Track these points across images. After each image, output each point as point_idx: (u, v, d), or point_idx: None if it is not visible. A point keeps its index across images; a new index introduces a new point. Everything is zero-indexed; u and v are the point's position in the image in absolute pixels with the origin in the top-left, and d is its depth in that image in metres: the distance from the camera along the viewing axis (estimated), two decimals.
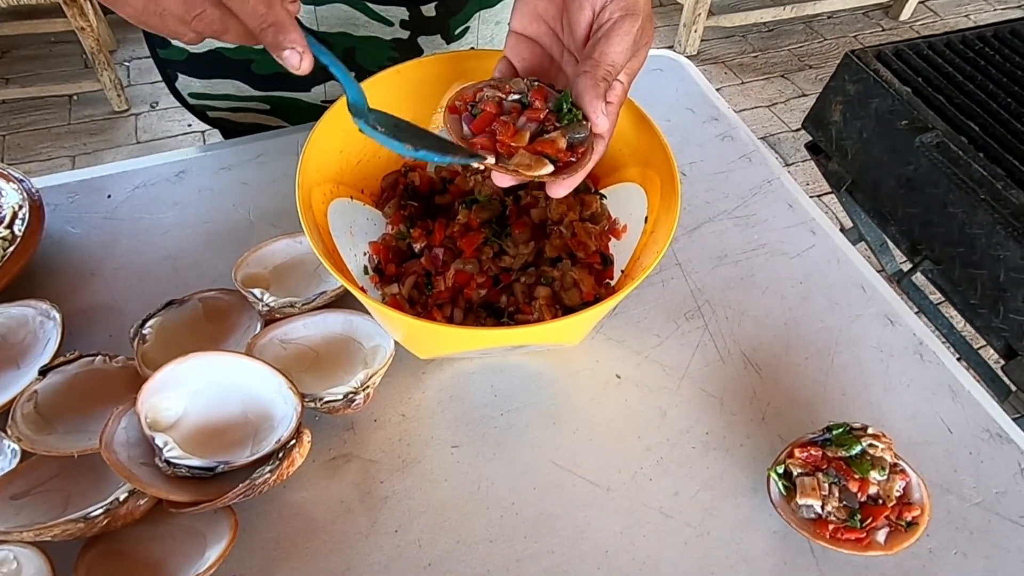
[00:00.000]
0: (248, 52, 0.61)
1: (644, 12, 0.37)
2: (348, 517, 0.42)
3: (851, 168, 0.96)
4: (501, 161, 0.36)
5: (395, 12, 0.59)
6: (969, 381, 0.50)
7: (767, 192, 0.62)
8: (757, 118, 2.14)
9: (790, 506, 0.40)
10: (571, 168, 0.36)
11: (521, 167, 0.36)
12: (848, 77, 0.93)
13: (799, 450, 0.42)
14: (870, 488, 0.40)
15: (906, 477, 0.41)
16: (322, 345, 0.47)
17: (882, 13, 2.57)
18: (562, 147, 0.36)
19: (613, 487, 0.44)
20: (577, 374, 0.49)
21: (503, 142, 0.36)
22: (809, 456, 0.41)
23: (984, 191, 0.76)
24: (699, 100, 0.70)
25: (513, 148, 0.36)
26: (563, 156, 0.36)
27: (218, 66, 0.63)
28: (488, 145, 0.36)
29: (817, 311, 0.53)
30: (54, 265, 0.53)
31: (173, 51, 0.62)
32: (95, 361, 0.45)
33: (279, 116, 0.68)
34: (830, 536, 0.39)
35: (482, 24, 0.65)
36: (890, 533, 0.39)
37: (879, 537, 0.39)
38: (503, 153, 0.36)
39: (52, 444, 0.40)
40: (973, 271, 0.79)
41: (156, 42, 0.62)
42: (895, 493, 0.40)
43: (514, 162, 0.36)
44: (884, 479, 0.40)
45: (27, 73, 2.05)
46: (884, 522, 0.39)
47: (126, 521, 0.38)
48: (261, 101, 0.66)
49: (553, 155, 0.36)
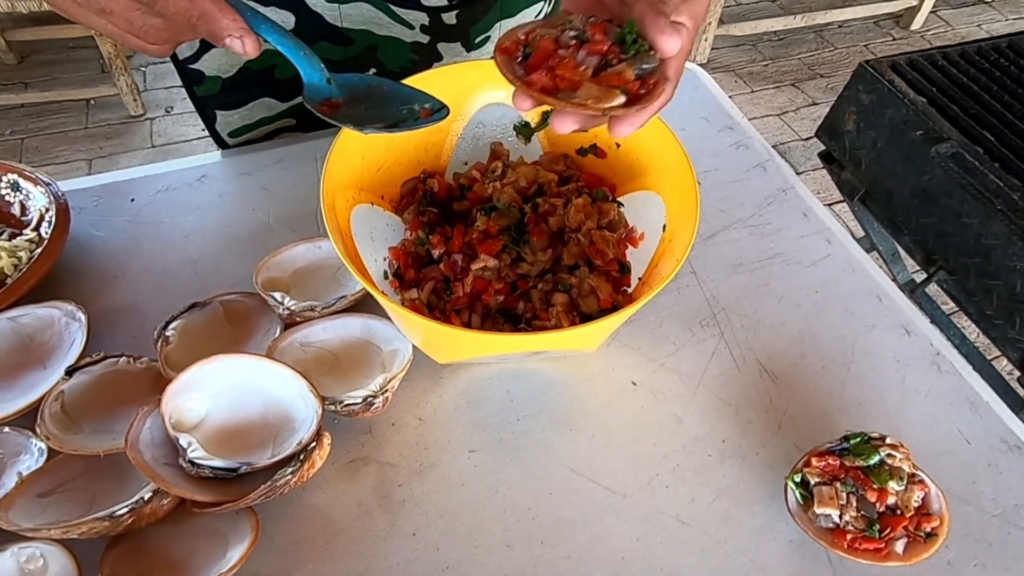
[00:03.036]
0: (271, 57, 0.62)
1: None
2: (366, 520, 0.42)
3: (865, 178, 0.96)
4: (564, 97, 0.32)
5: (416, 16, 0.60)
6: (987, 392, 0.50)
7: (782, 201, 0.62)
8: (767, 127, 2.14)
9: (807, 515, 0.40)
10: (643, 100, 0.32)
11: (590, 99, 0.31)
12: (862, 87, 0.93)
13: (816, 459, 0.42)
14: (888, 498, 0.40)
15: (925, 488, 0.41)
16: (341, 349, 0.48)
17: (893, 23, 2.57)
18: (630, 78, 0.32)
19: (629, 494, 0.44)
20: (593, 380, 0.49)
21: (563, 76, 0.32)
22: (827, 465, 0.41)
23: (1000, 202, 0.76)
24: (713, 109, 0.71)
25: (576, 82, 0.32)
26: (633, 87, 0.32)
27: (247, 85, 0.64)
28: (547, 84, 0.32)
29: (833, 320, 0.53)
30: (79, 267, 0.54)
31: (209, 85, 0.63)
32: (119, 362, 0.46)
33: (302, 129, 0.70)
34: (848, 546, 0.39)
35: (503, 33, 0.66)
36: (909, 544, 0.39)
37: (898, 547, 0.39)
38: (564, 89, 0.32)
39: (79, 443, 0.41)
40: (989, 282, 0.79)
41: (192, 78, 0.63)
42: (914, 503, 0.40)
43: (581, 95, 0.32)
44: (902, 489, 0.40)
45: (45, 78, 2.09)
46: (903, 532, 0.39)
47: (150, 520, 0.39)
48: (288, 116, 0.67)
49: (622, 87, 0.32)
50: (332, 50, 0.61)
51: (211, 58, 0.62)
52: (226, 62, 0.62)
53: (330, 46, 0.60)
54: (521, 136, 0.54)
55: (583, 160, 0.52)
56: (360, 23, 0.59)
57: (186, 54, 0.61)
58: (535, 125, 0.53)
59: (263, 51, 0.36)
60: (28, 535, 0.36)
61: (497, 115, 0.52)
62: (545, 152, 0.54)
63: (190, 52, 0.61)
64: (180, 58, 0.62)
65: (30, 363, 0.47)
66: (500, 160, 0.52)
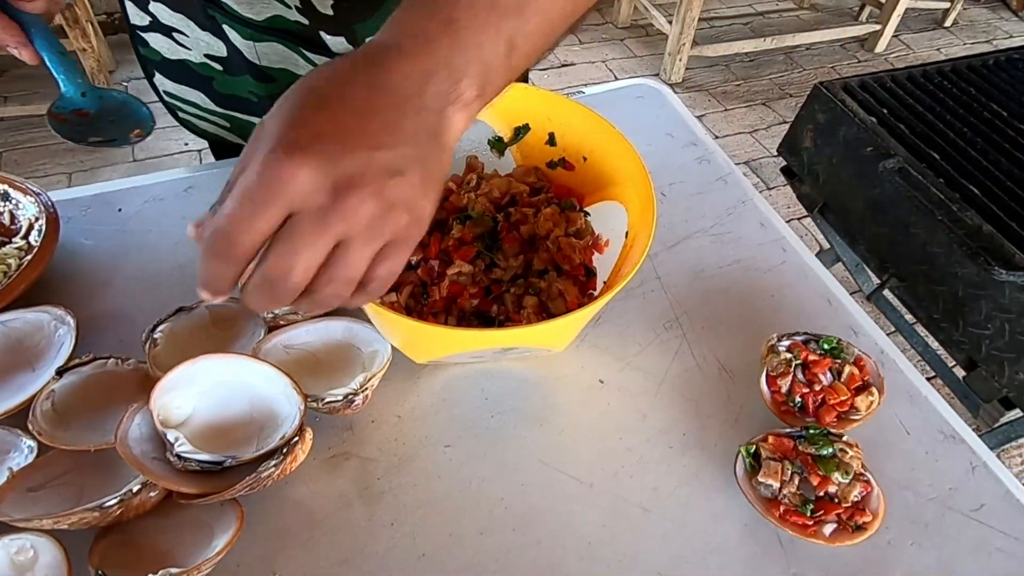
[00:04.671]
0: (211, 70, 0.64)
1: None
2: (347, 511, 0.44)
3: (823, 191, 1.02)
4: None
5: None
6: (926, 387, 0.54)
7: (741, 212, 0.66)
8: (740, 143, 2.21)
9: (751, 482, 0.44)
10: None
11: None
12: (818, 107, 0.99)
13: (773, 438, 0.45)
14: (829, 487, 0.43)
15: (868, 488, 0.44)
16: (323, 350, 0.50)
17: (858, 45, 2.69)
18: None
19: (596, 484, 0.47)
20: (563, 379, 0.52)
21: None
22: (781, 445, 0.45)
23: (942, 213, 0.81)
24: (678, 126, 0.75)
25: None
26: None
27: (185, 75, 0.65)
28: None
29: (787, 322, 0.57)
30: (68, 274, 0.56)
31: (150, 51, 0.65)
32: (108, 363, 0.48)
33: (237, 135, 0.71)
34: (779, 516, 0.43)
35: None
36: (837, 530, 0.42)
37: (825, 530, 0.42)
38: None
39: (69, 440, 0.42)
40: (935, 287, 0.84)
41: (137, 40, 0.65)
42: (852, 497, 0.43)
43: None
44: (845, 483, 0.43)
45: (26, 92, 2.08)
46: (834, 518, 0.42)
47: (138, 512, 0.40)
48: (222, 117, 0.69)
49: None
50: (256, 86, 0.62)
51: (156, 39, 0.63)
52: (168, 49, 0.64)
53: (253, 82, 0.62)
54: (495, 150, 0.57)
55: (553, 172, 0.56)
56: (277, 62, 0.60)
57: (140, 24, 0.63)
58: (508, 140, 0.57)
59: (202, 63, 0.39)
60: (20, 525, 0.38)
61: (472, 130, 0.55)
62: (518, 165, 0.57)
63: (142, 23, 0.63)
64: (131, 22, 0.63)
65: (19, 365, 0.48)
66: (475, 172, 0.55)
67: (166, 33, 0.62)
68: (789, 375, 0.48)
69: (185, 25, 0.60)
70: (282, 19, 0.57)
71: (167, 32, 0.62)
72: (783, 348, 0.50)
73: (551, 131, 0.54)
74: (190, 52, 0.63)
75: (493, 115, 0.55)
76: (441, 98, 0.31)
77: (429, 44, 0.31)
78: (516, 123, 0.55)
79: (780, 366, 0.49)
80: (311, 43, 0.58)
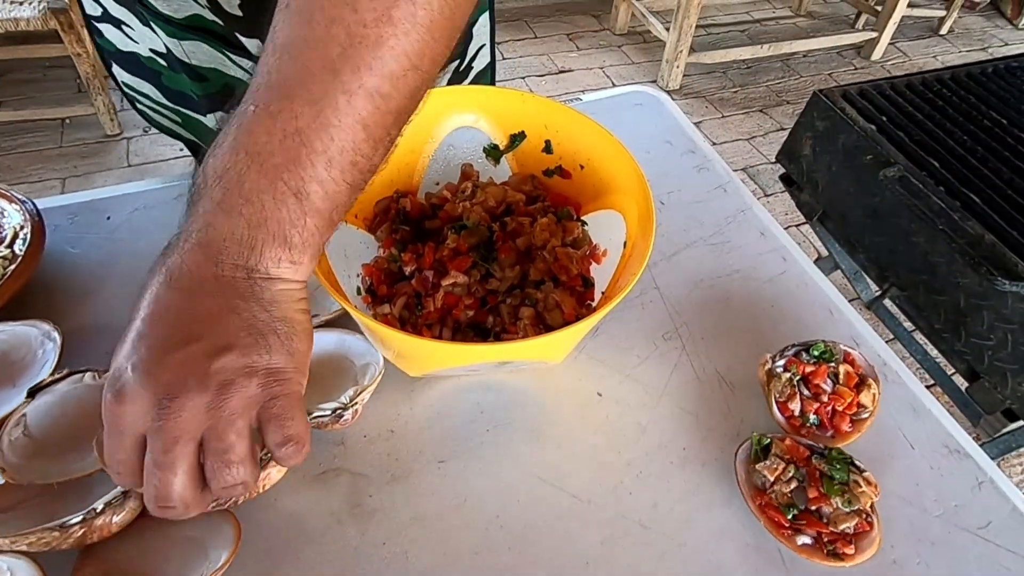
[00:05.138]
0: (157, 64, 0.63)
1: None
2: (338, 528, 0.43)
3: (822, 199, 1.01)
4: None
5: (252, 67, 0.61)
6: (930, 400, 0.53)
7: (741, 221, 0.65)
8: (738, 150, 2.21)
9: (746, 467, 0.44)
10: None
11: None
12: (817, 114, 0.98)
13: (791, 441, 0.45)
14: (824, 506, 0.42)
15: (866, 528, 0.42)
16: (315, 362, 0.49)
17: (855, 53, 2.70)
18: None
19: (594, 500, 0.45)
20: (560, 392, 0.51)
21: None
22: (796, 450, 0.44)
23: (943, 222, 0.81)
24: (677, 133, 0.74)
25: None
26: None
27: (136, 67, 0.65)
28: None
29: (787, 333, 0.56)
30: (53, 284, 0.54)
31: (106, 41, 0.64)
32: (85, 377, 0.46)
33: (188, 130, 0.70)
34: (759, 505, 0.43)
35: None
36: (810, 547, 0.41)
37: (798, 539, 0.41)
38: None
39: (38, 470, 0.41)
40: (936, 297, 0.83)
41: (93, 31, 0.64)
42: (843, 527, 0.41)
43: None
44: (844, 511, 0.42)
45: (20, 96, 2.07)
46: (812, 534, 0.41)
47: (102, 533, 0.38)
48: (172, 112, 0.68)
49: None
50: (192, 85, 0.62)
51: (108, 30, 0.63)
52: (119, 40, 0.63)
53: (188, 81, 0.62)
54: (491, 158, 0.57)
55: (549, 181, 0.55)
56: (206, 61, 0.59)
57: (94, 13, 0.62)
58: (504, 147, 0.56)
59: (148, 56, 0.37)
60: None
61: (467, 138, 0.55)
62: (514, 173, 0.56)
63: (95, 13, 0.62)
64: (85, 12, 0.63)
65: (1, 381, 0.47)
66: (470, 181, 0.54)
67: (116, 25, 0.62)
68: (796, 396, 0.48)
69: (129, 18, 0.60)
70: (200, 18, 0.56)
71: (117, 24, 0.61)
72: (780, 368, 0.49)
73: (547, 138, 0.54)
74: (138, 45, 0.63)
75: (489, 122, 0.54)
76: (247, 261, 0.32)
77: (230, 215, 0.31)
78: (512, 130, 0.54)
79: (786, 389, 0.48)
80: (231, 45, 0.58)
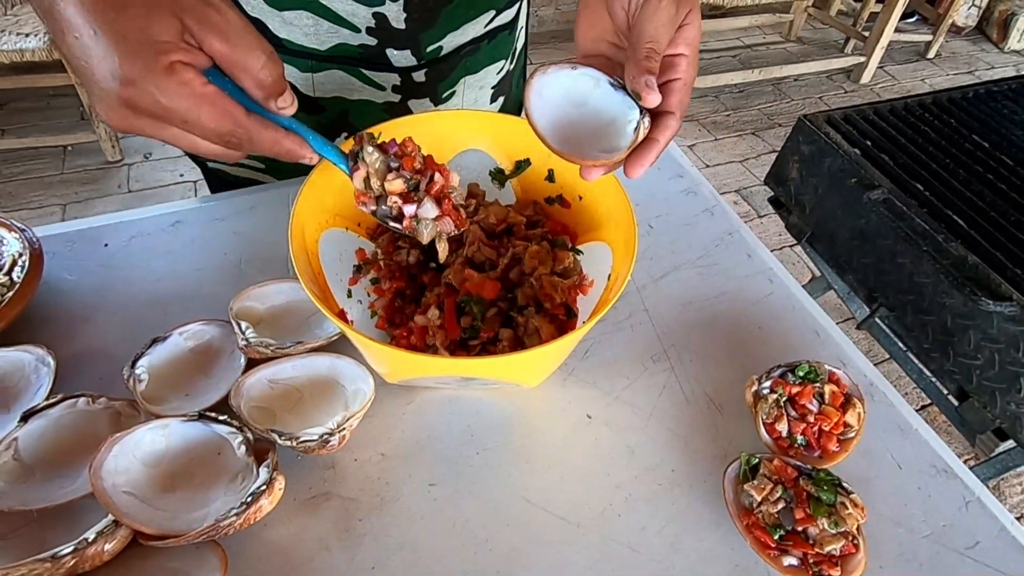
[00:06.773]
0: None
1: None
2: (326, 555, 0.43)
3: (809, 221, 1.02)
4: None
5: (388, 78, 0.64)
6: (917, 420, 0.53)
7: (728, 243, 0.66)
8: (730, 172, 2.24)
9: (735, 487, 0.44)
10: (644, 145, 0.39)
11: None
12: (802, 139, 1.00)
13: (780, 462, 0.45)
14: (811, 527, 0.42)
15: (852, 550, 0.42)
16: (307, 386, 0.50)
17: (844, 76, 2.75)
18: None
19: (583, 523, 0.46)
20: (550, 414, 0.52)
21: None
22: (784, 470, 0.44)
23: (927, 243, 0.82)
24: (665, 158, 0.76)
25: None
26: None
27: None
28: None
29: (775, 354, 0.57)
30: (50, 310, 0.55)
31: None
32: (78, 403, 0.46)
33: (271, 174, 0.73)
34: (745, 525, 0.43)
35: (467, 89, 0.71)
36: (796, 568, 0.41)
37: (784, 560, 0.41)
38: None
39: (25, 496, 0.41)
40: (924, 317, 0.84)
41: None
42: (829, 549, 0.41)
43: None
44: (830, 533, 0.42)
45: (23, 124, 2.11)
46: (799, 555, 0.41)
47: (94, 563, 0.38)
48: (257, 159, 0.71)
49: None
50: (305, 119, 0.64)
51: None
52: None
53: (304, 115, 0.64)
54: (495, 181, 0.58)
55: (550, 208, 0.56)
56: (332, 90, 0.63)
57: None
58: (509, 172, 0.57)
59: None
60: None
61: (475, 160, 0.56)
62: (518, 199, 0.57)
63: None
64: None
65: None
66: (475, 199, 0.56)
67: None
68: (783, 417, 0.48)
69: None
70: (346, 46, 0.60)
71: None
72: (767, 389, 0.50)
73: (551, 168, 0.55)
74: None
75: (496, 147, 0.56)
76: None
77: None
78: (518, 156, 0.56)
79: (773, 410, 0.48)
80: (372, 63, 0.61)
